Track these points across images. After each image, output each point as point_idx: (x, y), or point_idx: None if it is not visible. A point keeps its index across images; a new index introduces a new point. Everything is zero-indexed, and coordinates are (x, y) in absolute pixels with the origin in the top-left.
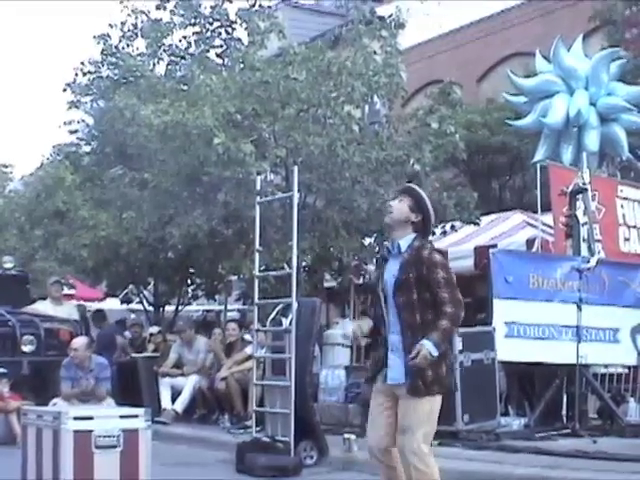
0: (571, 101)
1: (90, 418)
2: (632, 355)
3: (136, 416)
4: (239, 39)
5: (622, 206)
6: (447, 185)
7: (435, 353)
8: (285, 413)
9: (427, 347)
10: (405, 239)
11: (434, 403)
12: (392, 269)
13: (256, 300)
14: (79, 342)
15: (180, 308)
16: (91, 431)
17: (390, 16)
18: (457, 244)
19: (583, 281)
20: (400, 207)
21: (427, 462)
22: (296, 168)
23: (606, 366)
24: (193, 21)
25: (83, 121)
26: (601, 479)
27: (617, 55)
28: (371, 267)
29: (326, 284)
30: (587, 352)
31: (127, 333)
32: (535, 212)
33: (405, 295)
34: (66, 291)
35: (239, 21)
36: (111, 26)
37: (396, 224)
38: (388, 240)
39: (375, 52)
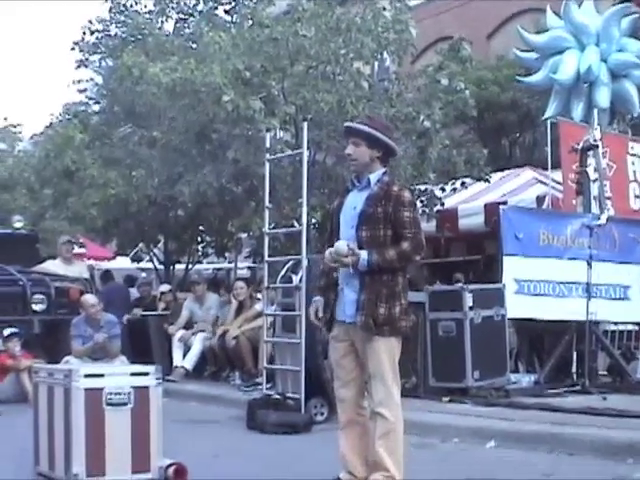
0: (582, 57)
1: (101, 376)
2: None
3: (147, 374)
4: None
5: (633, 163)
6: (457, 142)
7: (361, 269)
8: (295, 370)
9: (361, 257)
10: (375, 174)
11: (390, 346)
12: (355, 202)
13: (266, 257)
14: (93, 298)
15: (190, 266)
16: (102, 389)
17: None
18: (467, 201)
19: (593, 238)
20: (361, 151)
21: (395, 413)
22: (305, 125)
23: (616, 323)
24: None
25: (92, 80)
26: (611, 436)
27: (628, 11)
28: None
29: None
30: (597, 309)
31: (133, 291)
32: (545, 169)
33: (370, 230)
34: (76, 250)
35: None
36: None
37: (364, 167)
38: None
39: (384, 8)
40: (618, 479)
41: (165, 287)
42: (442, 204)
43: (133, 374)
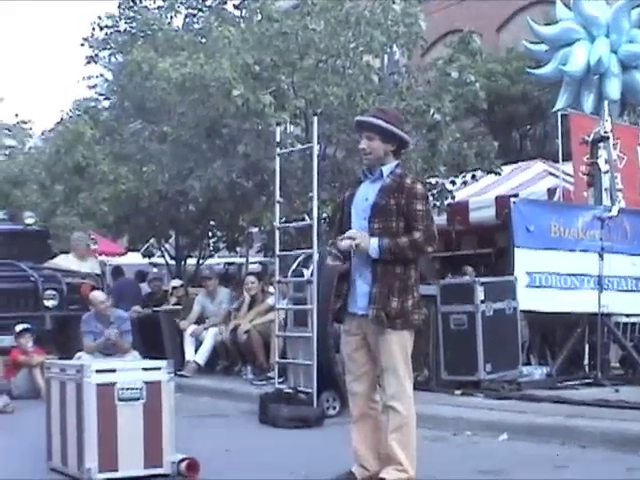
0: (592, 49)
1: (113, 371)
2: None
3: (159, 368)
4: None
5: None
6: (467, 135)
7: (373, 254)
8: (307, 364)
9: (372, 242)
10: (387, 166)
11: (402, 339)
12: (366, 193)
13: (277, 252)
14: (101, 295)
15: (201, 261)
16: (114, 384)
17: None
18: (478, 194)
19: (605, 230)
20: (375, 145)
21: (408, 406)
22: (316, 119)
23: (628, 315)
24: None
25: (102, 76)
26: (623, 428)
27: (638, 2)
28: None
29: None
30: (609, 301)
31: (144, 286)
32: (556, 161)
33: (383, 222)
34: None
35: None
36: None
37: (377, 161)
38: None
39: (394, 1)
40: (631, 472)
41: (176, 282)
42: (453, 197)
43: (145, 369)
